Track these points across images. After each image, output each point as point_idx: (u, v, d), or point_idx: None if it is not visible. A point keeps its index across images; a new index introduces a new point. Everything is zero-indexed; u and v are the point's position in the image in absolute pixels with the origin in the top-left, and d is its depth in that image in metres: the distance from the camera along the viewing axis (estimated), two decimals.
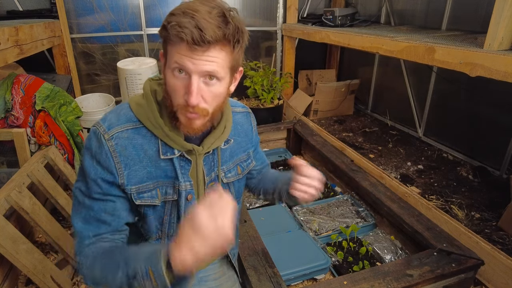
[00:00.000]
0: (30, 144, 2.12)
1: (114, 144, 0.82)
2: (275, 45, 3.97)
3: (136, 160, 0.85)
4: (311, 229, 2.08)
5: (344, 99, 3.66)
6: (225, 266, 1.18)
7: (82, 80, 3.42)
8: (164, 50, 0.80)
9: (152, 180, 0.87)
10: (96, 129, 0.84)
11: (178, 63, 0.75)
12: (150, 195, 0.88)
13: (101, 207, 0.85)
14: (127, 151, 0.84)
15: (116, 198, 0.86)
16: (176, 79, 0.77)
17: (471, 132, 2.63)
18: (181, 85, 0.77)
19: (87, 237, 0.85)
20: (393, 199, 2.04)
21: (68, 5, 3.11)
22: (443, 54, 1.77)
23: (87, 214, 0.85)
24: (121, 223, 0.89)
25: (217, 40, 0.73)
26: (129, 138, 0.84)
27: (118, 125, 0.84)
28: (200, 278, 1.11)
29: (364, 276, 1.49)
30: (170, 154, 0.87)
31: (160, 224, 0.93)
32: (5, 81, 2.24)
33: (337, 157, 2.58)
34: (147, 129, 0.85)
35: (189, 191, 0.91)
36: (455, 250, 1.62)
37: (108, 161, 0.82)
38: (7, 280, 1.66)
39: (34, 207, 1.65)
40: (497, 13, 1.53)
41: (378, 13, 3.47)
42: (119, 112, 0.87)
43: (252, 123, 1.09)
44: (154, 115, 0.84)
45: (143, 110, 0.85)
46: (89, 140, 0.85)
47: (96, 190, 0.84)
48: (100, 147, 0.83)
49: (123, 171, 0.83)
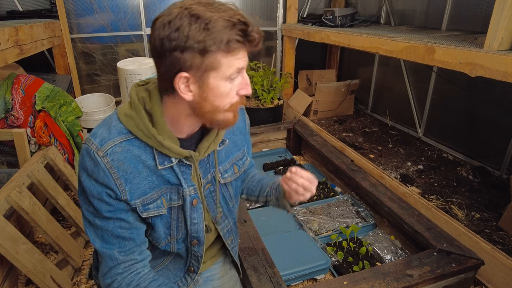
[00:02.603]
0: (30, 144, 2.12)
1: (110, 160, 0.78)
2: (275, 45, 3.97)
3: (135, 173, 0.81)
4: (311, 229, 2.08)
5: (344, 99, 3.66)
6: (227, 265, 1.19)
7: (82, 80, 3.42)
8: (207, 64, 0.72)
9: (155, 189, 0.85)
10: (87, 146, 0.79)
11: (239, 68, 0.76)
12: (155, 205, 0.86)
13: (116, 224, 0.83)
14: (125, 165, 0.79)
15: (126, 211, 0.84)
16: (231, 83, 0.78)
17: (471, 132, 2.63)
18: (233, 86, 0.78)
19: (114, 257, 0.85)
20: (393, 199, 2.04)
21: (68, 5, 3.11)
22: (443, 54, 1.77)
23: (103, 234, 0.84)
24: (142, 234, 0.89)
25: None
26: (124, 151, 0.79)
27: (110, 139, 0.79)
28: (206, 278, 1.12)
29: (364, 276, 1.49)
30: (168, 163, 0.84)
31: (168, 229, 0.92)
32: (5, 81, 2.24)
33: (337, 157, 2.58)
34: (140, 140, 0.81)
35: (193, 195, 0.90)
36: (455, 250, 1.62)
37: (107, 178, 0.78)
38: (7, 280, 1.66)
39: (34, 207, 1.65)
40: (497, 13, 1.53)
41: (378, 13, 3.47)
42: (109, 125, 0.82)
43: (246, 120, 1.07)
44: (145, 126, 0.79)
45: (132, 121, 0.80)
46: (82, 159, 0.80)
47: (105, 209, 0.81)
48: (96, 166, 0.78)
49: (124, 186, 0.80)
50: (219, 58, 0.72)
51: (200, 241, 0.96)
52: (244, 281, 1.46)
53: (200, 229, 0.94)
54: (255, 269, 1.49)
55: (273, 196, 1.08)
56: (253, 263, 1.53)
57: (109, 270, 0.86)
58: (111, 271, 0.86)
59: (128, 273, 0.86)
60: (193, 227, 0.93)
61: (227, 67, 0.74)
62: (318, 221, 2.14)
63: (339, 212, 2.24)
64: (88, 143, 0.80)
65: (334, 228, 2.10)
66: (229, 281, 1.16)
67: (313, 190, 0.93)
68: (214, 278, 1.13)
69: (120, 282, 0.85)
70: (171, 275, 1.03)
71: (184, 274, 1.03)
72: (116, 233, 0.83)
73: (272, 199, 1.08)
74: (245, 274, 1.47)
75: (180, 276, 1.03)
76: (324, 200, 2.35)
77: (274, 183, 1.09)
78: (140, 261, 0.88)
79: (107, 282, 0.87)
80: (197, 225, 0.93)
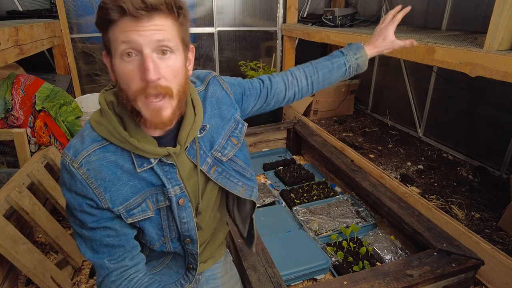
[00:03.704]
0: (30, 144, 2.12)
1: (85, 170, 0.77)
2: (275, 45, 3.97)
3: (114, 179, 0.79)
4: (311, 229, 2.08)
5: (344, 99, 3.66)
6: (228, 265, 1.20)
7: (82, 80, 3.42)
8: (106, 41, 0.72)
9: (139, 193, 0.83)
10: (63, 159, 0.78)
11: (125, 41, 0.68)
12: (140, 210, 0.84)
13: (103, 234, 0.82)
14: (102, 174, 0.78)
15: (112, 219, 0.83)
16: (127, 64, 0.70)
17: (471, 132, 2.63)
18: (134, 68, 0.70)
19: (105, 266, 0.85)
20: (393, 199, 2.04)
21: (68, 5, 3.11)
22: (443, 54, 1.77)
23: (92, 244, 0.84)
24: (131, 239, 0.88)
25: (160, 5, 0.68)
26: (100, 159, 0.78)
27: (83, 149, 0.78)
28: (208, 277, 1.13)
29: (364, 276, 1.49)
30: (147, 165, 0.81)
31: (160, 230, 0.91)
32: (5, 81, 2.24)
33: (337, 157, 2.58)
34: (116, 145, 0.78)
35: (179, 195, 0.86)
36: (455, 250, 1.62)
37: (85, 189, 0.77)
38: (7, 280, 1.66)
39: (34, 207, 1.65)
40: (497, 13, 1.53)
41: (378, 13, 3.47)
42: (82, 135, 0.80)
43: (223, 86, 0.97)
44: (117, 130, 0.77)
45: (104, 127, 0.78)
46: (61, 173, 0.80)
47: (89, 220, 0.80)
48: (72, 178, 0.77)
49: (104, 195, 0.79)
50: (110, 33, 0.70)
51: (193, 239, 0.95)
52: (244, 281, 1.46)
53: (191, 227, 0.92)
54: (255, 269, 1.49)
55: (351, 53, 1.17)
56: (253, 263, 1.52)
57: (103, 280, 0.86)
58: (105, 280, 0.86)
59: (122, 280, 0.86)
60: (183, 226, 0.91)
61: (114, 40, 0.70)
62: (318, 221, 2.14)
63: (339, 212, 2.24)
64: (64, 156, 0.79)
65: (334, 228, 2.10)
66: (229, 281, 1.16)
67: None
68: (216, 277, 1.14)
69: None
70: (173, 273, 1.03)
71: (185, 271, 1.03)
72: (104, 242, 0.83)
73: (350, 57, 1.17)
74: (245, 274, 1.47)
75: (182, 274, 1.03)
76: (324, 200, 2.35)
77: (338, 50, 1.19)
78: (132, 266, 0.87)
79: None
80: (187, 224, 0.91)
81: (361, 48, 1.21)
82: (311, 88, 1.16)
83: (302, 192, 2.46)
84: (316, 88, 1.17)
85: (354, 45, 1.21)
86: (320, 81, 1.15)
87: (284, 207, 2.32)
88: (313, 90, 1.17)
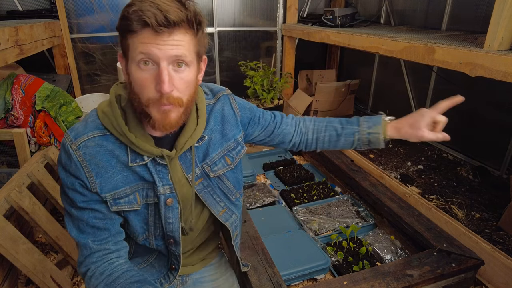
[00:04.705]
0: (30, 144, 2.12)
1: (82, 153, 0.81)
2: (275, 45, 3.97)
3: (107, 167, 0.83)
4: (311, 229, 2.08)
5: (344, 99, 3.66)
6: (223, 267, 1.17)
7: (82, 80, 3.42)
8: (125, 46, 0.76)
9: (129, 185, 0.86)
10: (64, 139, 0.83)
11: (143, 52, 0.71)
12: (127, 200, 0.86)
13: (90, 215, 0.85)
14: (96, 159, 0.81)
15: (100, 203, 0.85)
16: (143, 72, 0.73)
17: (471, 132, 2.63)
18: (150, 77, 0.73)
19: (88, 246, 0.86)
20: (393, 199, 2.04)
21: (68, 5, 3.11)
22: (443, 54, 1.77)
23: (79, 223, 0.86)
24: (116, 225, 0.90)
25: (181, 22, 0.71)
26: (97, 146, 0.82)
27: (84, 133, 0.82)
28: (195, 279, 1.11)
29: (364, 276, 1.49)
30: (140, 161, 0.84)
31: (145, 225, 0.93)
32: (5, 81, 2.24)
33: (337, 157, 2.58)
34: (115, 136, 0.83)
35: (168, 195, 0.88)
36: (455, 250, 1.62)
37: (78, 171, 0.81)
38: (7, 280, 1.66)
39: (34, 207, 1.65)
40: (497, 13, 1.53)
41: (378, 13, 3.47)
42: (87, 120, 0.85)
43: (233, 105, 1.00)
44: (118, 122, 0.81)
45: (107, 118, 0.83)
46: (59, 152, 0.85)
47: (79, 199, 0.83)
48: (69, 158, 0.81)
49: (95, 179, 0.82)
50: (130, 40, 0.73)
51: (176, 241, 0.95)
52: (244, 281, 1.46)
53: (176, 229, 0.93)
54: (255, 269, 1.49)
55: (364, 125, 1.06)
56: (253, 263, 1.52)
57: (84, 259, 0.87)
58: (86, 260, 0.87)
59: (102, 262, 0.87)
60: (168, 226, 0.92)
61: (134, 49, 0.73)
62: (318, 221, 2.14)
63: (339, 212, 2.24)
64: (65, 136, 0.84)
65: (334, 228, 2.10)
66: (224, 283, 1.13)
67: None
68: (205, 281, 1.12)
69: (93, 271, 0.86)
70: (155, 272, 1.03)
71: (167, 271, 1.04)
72: (91, 223, 0.85)
73: (363, 129, 1.06)
74: (245, 274, 1.47)
75: (164, 273, 1.04)
76: (324, 200, 2.35)
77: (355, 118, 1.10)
78: (114, 251, 0.89)
79: (82, 271, 0.88)
80: (172, 225, 0.92)
81: (379, 124, 1.06)
82: (315, 143, 1.12)
83: (302, 192, 2.46)
84: (320, 146, 1.12)
85: (373, 118, 1.08)
86: (325, 141, 1.10)
87: (284, 207, 2.32)
88: (317, 146, 1.12)
